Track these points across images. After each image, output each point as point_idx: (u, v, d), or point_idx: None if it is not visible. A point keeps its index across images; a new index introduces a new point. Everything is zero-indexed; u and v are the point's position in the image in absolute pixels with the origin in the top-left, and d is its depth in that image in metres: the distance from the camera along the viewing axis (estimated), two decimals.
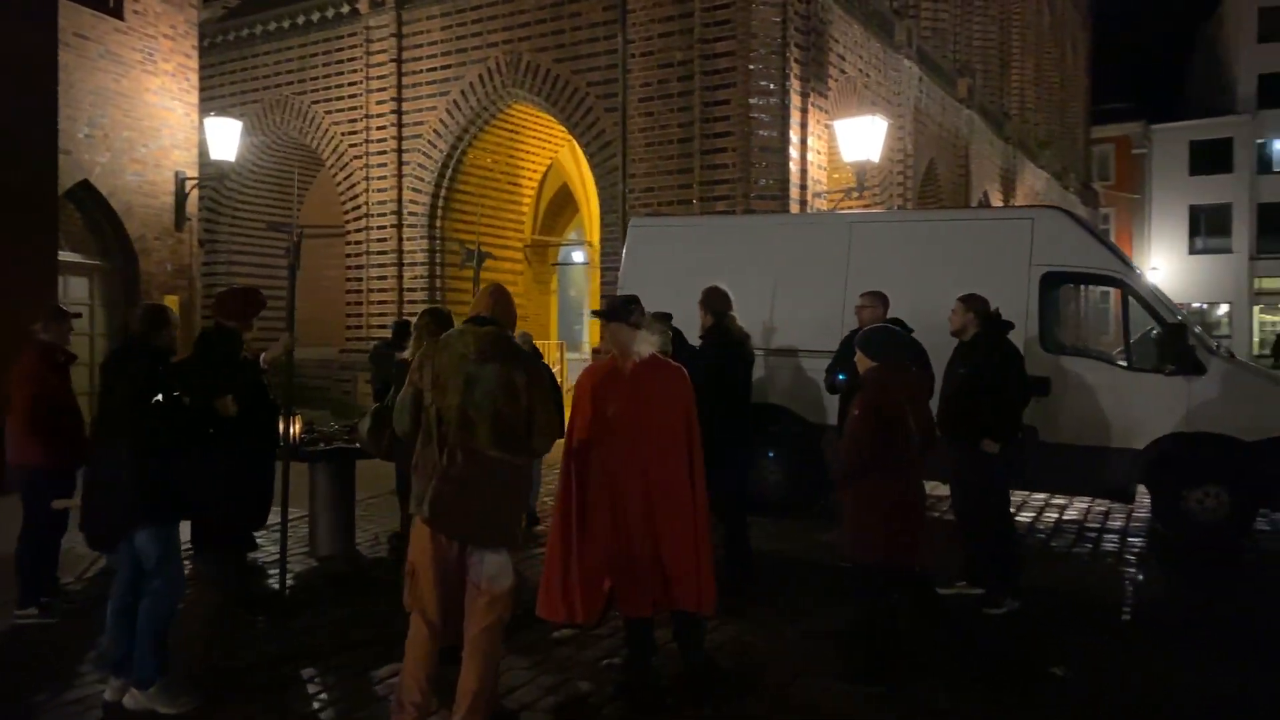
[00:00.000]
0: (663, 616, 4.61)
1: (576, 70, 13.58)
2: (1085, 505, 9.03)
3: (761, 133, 12.18)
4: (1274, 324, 40.41)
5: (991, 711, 4.38)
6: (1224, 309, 40.96)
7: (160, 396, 4.17)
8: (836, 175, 14.20)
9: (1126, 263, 7.99)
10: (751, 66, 12.15)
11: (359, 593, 6.22)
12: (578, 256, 26.77)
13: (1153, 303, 7.70)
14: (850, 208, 13.64)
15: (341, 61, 15.74)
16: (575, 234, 25.09)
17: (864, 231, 8.64)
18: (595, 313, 4.64)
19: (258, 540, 6.88)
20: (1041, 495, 9.18)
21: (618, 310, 4.46)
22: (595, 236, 21.18)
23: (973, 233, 8.33)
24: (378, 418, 4.91)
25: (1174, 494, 7.45)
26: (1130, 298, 7.80)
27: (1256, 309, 40.81)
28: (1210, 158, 41.60)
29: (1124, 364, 7.73)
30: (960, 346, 6.13)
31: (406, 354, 5.05)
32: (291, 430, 6.81)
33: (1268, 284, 41.22)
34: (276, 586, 6.11)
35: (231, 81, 16.79)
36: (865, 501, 4.61)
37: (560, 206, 22.43)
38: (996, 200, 23.26)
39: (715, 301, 6.35)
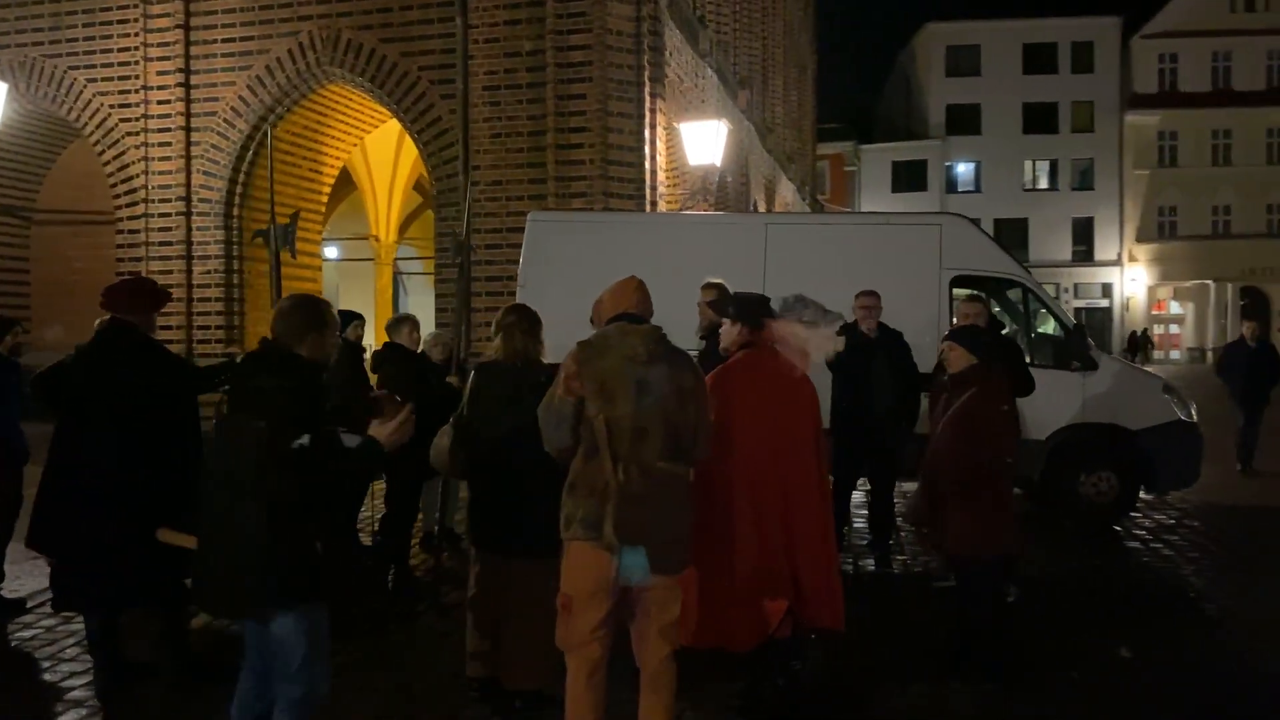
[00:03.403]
0: None
1: (407, 53, 12.66)
2: None
3: (618, 130, 11.98)
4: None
5: (1113, 701, 4.54)
6: None
7: (306, 439, 3.05)
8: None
9: (1025, 268, 8.64)
10: (609, 61, 11.91)
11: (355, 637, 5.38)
12: (331, 253, 25.12)
13: (1052, 305, 8.39)
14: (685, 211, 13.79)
15: (110, 23, 13.63)
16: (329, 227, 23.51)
17: (780, 233, 8.72)
18: (740, 311, 4.24)
19: None
20: None
21: (783, 307, 4.17)
22: (382, 230, 20.01)
23: (885, 236, 8.67)
24: (463, 432, 4.25)
25: (1070, 480, 8.15)
26: (1031, 300, 8.43)
27: None
28: (909, 177, 46.51)
29: (1027, 361, 8.33)
30: None
31: (495, 355, 4.39)
32: None
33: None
34: None
35: None
36: (981, 497, 4.62)
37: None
38: (762, 209, 24.49)
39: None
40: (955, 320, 6.52)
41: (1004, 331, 6.61)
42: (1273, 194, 44.50)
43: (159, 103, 13.49)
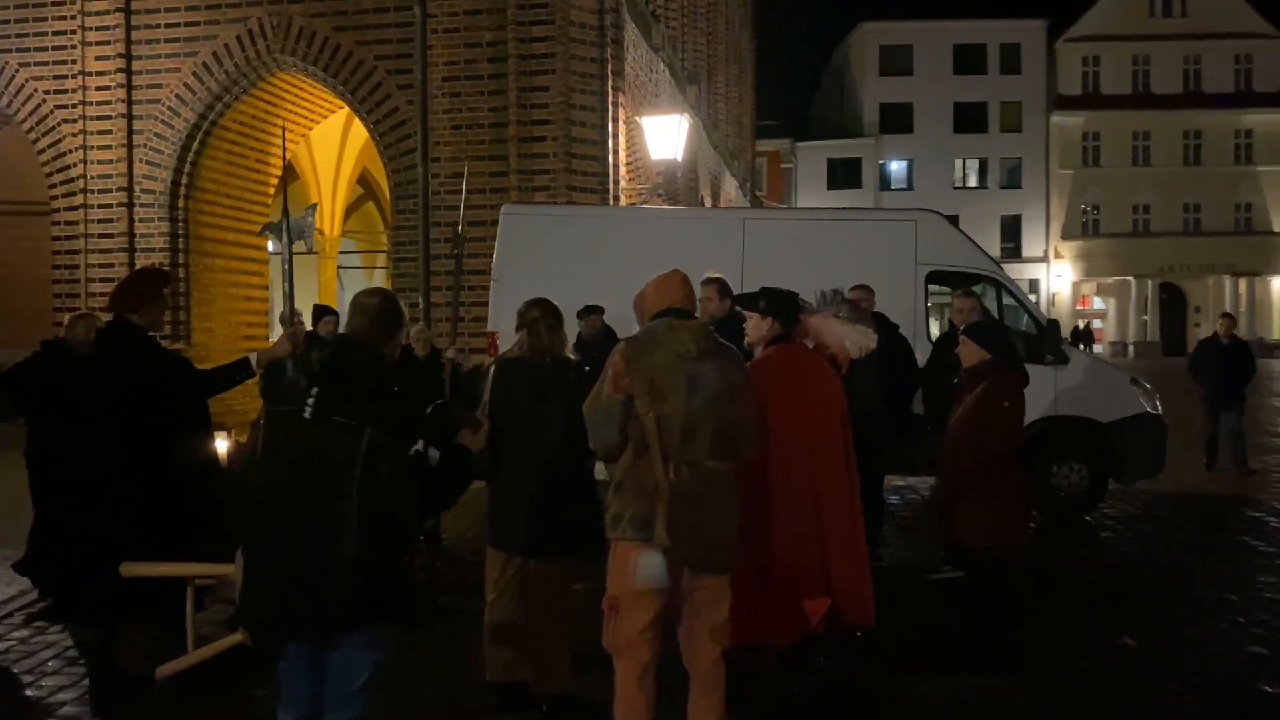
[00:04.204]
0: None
1: (362, 41, 12.35)
2: None
3: (582, 124, 11.87)
4: None
5: (1123, 688, 4.61)
6: None
7: (421, 444, 2.92)
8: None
9: (998, 264, 8.79)
10: (572, 54, 11.79)
11: None
12: (269, 246, 24.49)
13: (1024, 301, 8.54)
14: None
15: (45, 5, 12.99)
16: None
17: (757, 228, 8.74)
18: (771, 306, 4.18)
19: None
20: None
21: (820, 302, 4.15)
22: (326, 224, 19.55)
23: (861, 233, 8.73)
24: (495, 430, 4.11)
25: (1044, 471, 8.30)
26: (1004, 296, 8.57)
27: None
28: (844, 174, 47.14)
29: None
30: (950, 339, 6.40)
31: (517, 350, 4.27)
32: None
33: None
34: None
35: None
36: (992, 490, 4.67)
37: None
38: (708, 204, 24.56)
39: (730, 290, 6.03)
40: (953, 316, 6.60)
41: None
42: (1189, 194, 46.17)
43: (98, 89, 12.94)
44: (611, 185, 12.28)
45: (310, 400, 2.93)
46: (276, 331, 15.53)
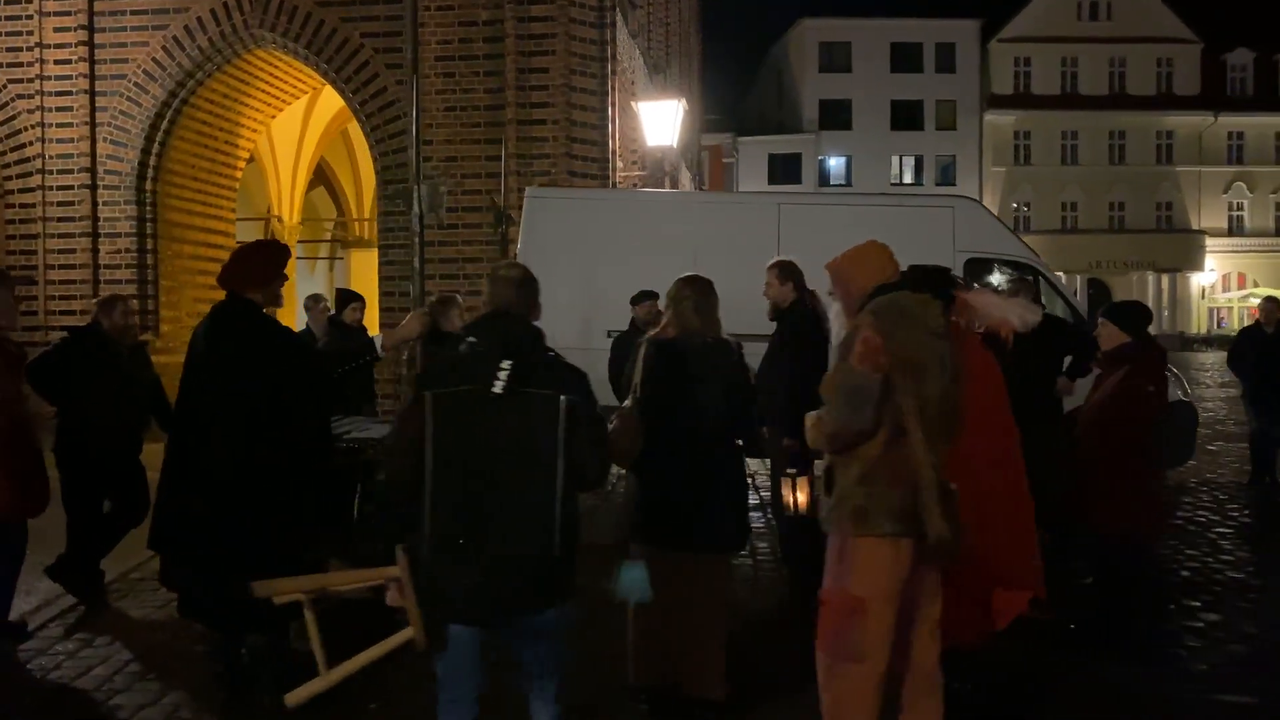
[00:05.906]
0: None
1: (348, 18, 11.80)
2: None
3: (582, 107, 11.53)
4: None
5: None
6: None
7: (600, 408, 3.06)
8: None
9: (1034, 252, 8.74)
10: (572, 35, 11.44)
11: None
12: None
13: (1061, 289, 8.51)
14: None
15: None
16: None
17: (792, 213, 8.55)
18: (920, 283, 3.95)
19: None
20: None
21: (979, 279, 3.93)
22: (286, 211, 18.78)
23: (899, 218, 8.59)
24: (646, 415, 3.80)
25: None
26: (1041, 283, 8.51)
27: None
28: (785, 169, 47.42)
29: None
30: None
31: (667, 330, 3.95)
32: None
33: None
34: None
35: None
36: (1132, 476, 4.54)
37: None
38: None
39: (796, 273, 5.83)
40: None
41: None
42: (1114, 192, 47.60)
43: (57, 63, 12.14)
44: (611, 172, 11.99)
45: (503, 373, 2.78)
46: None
